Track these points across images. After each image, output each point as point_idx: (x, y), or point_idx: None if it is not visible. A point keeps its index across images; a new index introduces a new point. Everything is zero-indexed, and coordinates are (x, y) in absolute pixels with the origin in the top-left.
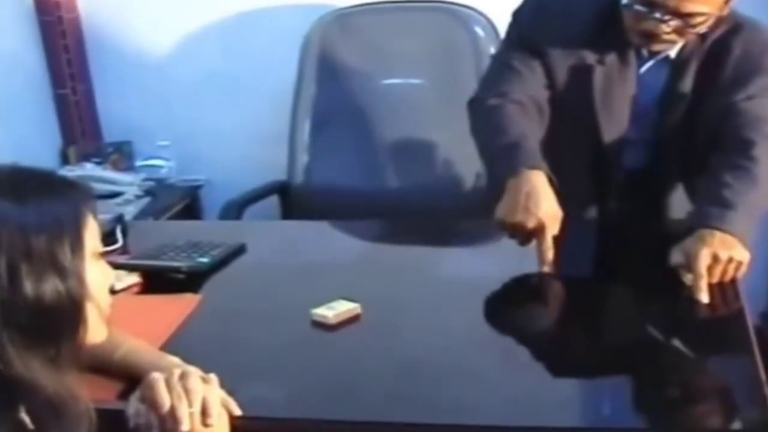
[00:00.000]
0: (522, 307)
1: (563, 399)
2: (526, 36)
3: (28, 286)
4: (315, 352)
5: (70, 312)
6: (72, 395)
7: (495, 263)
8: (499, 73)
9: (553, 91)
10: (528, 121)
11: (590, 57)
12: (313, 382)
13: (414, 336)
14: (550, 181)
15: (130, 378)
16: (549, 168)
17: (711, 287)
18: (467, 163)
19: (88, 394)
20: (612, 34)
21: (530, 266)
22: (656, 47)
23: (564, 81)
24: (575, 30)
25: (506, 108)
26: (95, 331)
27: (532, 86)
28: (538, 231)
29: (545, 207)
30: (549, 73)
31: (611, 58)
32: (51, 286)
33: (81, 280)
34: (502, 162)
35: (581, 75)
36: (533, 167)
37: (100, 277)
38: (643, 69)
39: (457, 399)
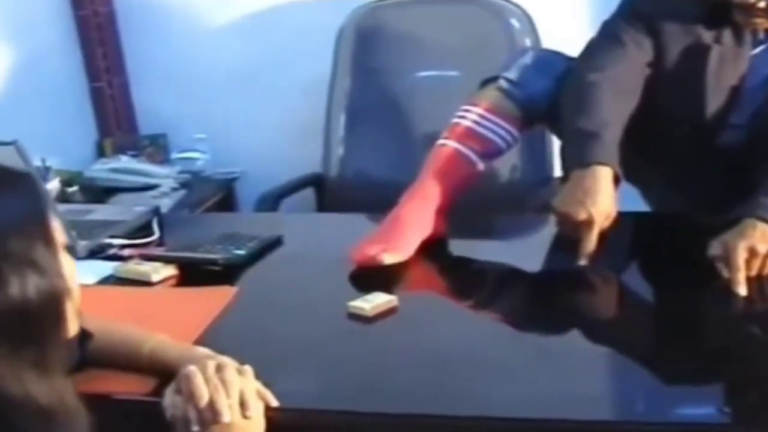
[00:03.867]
0: (557, 300)
1: (597, 392)
2: (640, 11)
3: (14, 289)
4: (351, 345)
5: (54, 309)
6: (62, 401)
7: (530, 257)
8: (603, 44)
9: (660, 69)
10: (618, 103)
11: (707, 36)
12: (349, 373)
13: (449, 329)
14: (617, 178)
15: (160, 373)
16: (639, 149)
17: (749, 280)
18: (503, 156)
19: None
20: (728, 13)
21: (567, 260)
22: (754, 23)
23: (676, 60)
24: (692, 7)
25: (600, 87)
26: (71, 326)
27: (635, 63)
28: (586, 224)
29: (600, 204)
30: (659, 51)
31: (728, 37)
32: (34, 286)
33: (59, 276)
34: (575, 148)
35: (696, 54)
36: (603, 163)
37: (70, 270)
38: (755, 51)
39: (491, 392)
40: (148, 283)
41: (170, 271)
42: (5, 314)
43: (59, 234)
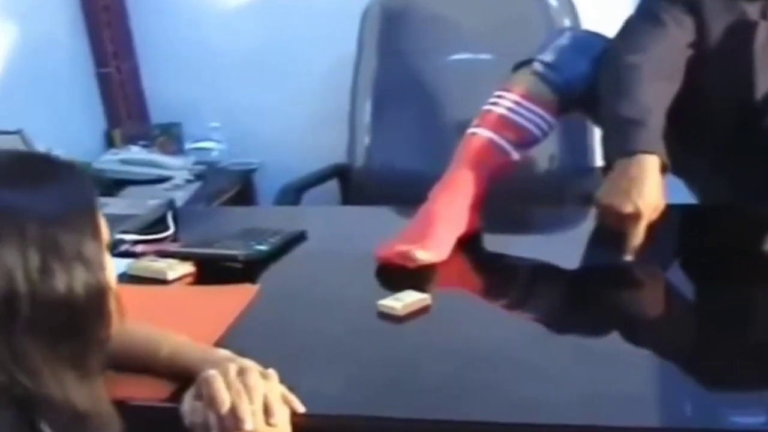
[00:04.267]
0: (599, 298)
1: (641, 396)
2: None
3: (61, 283)
4: (381, 346)
5: (99, 307)
6: (99, 406)
7: (570, 252)
8: (642, 24)
9: (703, 49)
10: (660, 87)
11: (752, 11)
12: (379, 376)
13: (484, 329)
14: (663, 167)
15: (179, 377)
16: (682, 134)
17: None
18: (539, 145)
19: (141, 394)
20: None
21: (609, 255)
22: None
23: (719, 38)
24: None
25: (640, 69)
26: (114, 325)
27: (676, 44)
28: (633, 217)
29: (648, 195)
30: (701, 29)
31: None
32: (81, 281)
33: (104, 271)
34: (618, 136)
35: (741, 31)
36: (649, 151)
37: (111, 267)
38: None
39: (529, 396)
40: (163, 281)
41: (187, 268)
42: (49, 308)
43: (105, 229)
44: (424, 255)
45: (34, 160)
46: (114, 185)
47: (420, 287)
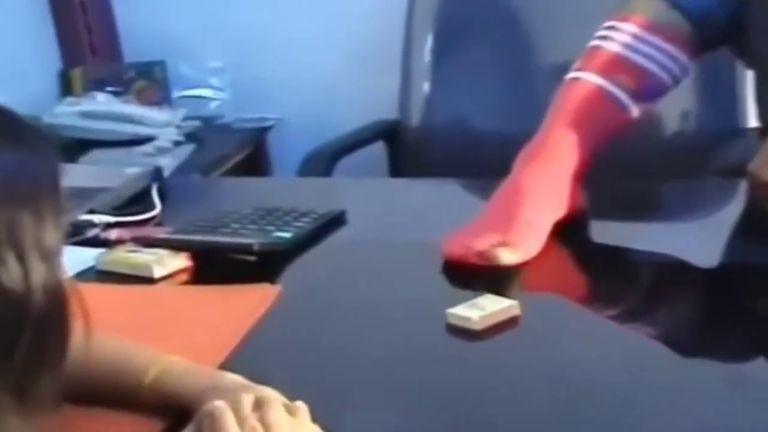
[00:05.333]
0: (751, 305)
1: None
2: None
3: (13, 278)
4: (450, 369)
5: (57, 314)
6: None
7: (710, 242)
8: None
9: None
10: None
11: None
12: (449, 410)
13: (594, 347)
14: None
15: (170, 412)
16: None
17: None
18: (670, 96)
19: None
20: None
21: (762, 248)
22: None
23: None
24: None
25: None
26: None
27: None
28: None
29: None
30: None
31: None
32: (39, 277)
33: (64, 268)
34: None
35: None
36: None
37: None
38: None
39: None
40: (147, 280)
41: (180, 262)
42: None
43: (66, 214)
44: (511, 256)
45: None
46: (73, 147)
47: (504, 290)
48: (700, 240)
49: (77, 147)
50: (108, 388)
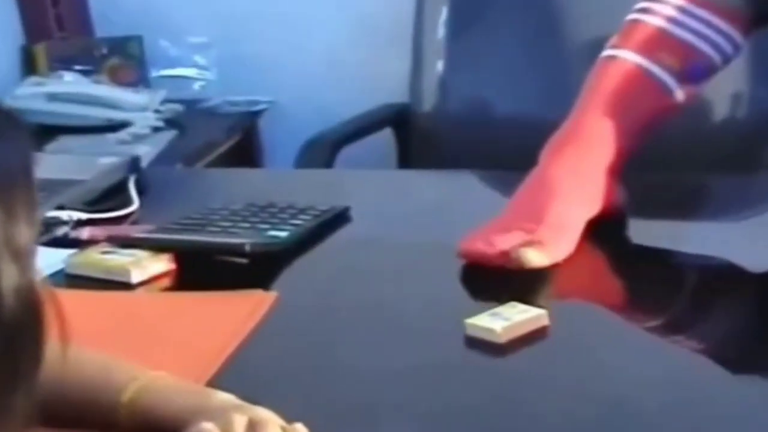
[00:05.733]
0: None
1: None
2: None
3: None
4: (471, 387)
5: (30, 323)
6: None
7: (763, 243)
8: None
9: None
10: None
11: None
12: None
13: (634, 362)
14: None
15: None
16: None
17: None
18: (720, 77)
19: None
20: None
21: None
22: None
23: None
24: None
25: None
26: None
27: None
28: None
29: None
30: None
31: None
32: (11, 281)
33: (37, 269)
34: None
35: None
36: None
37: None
38: None
39: None
40: (125, 285)
41: (161, 264)
42: None
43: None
44: (539, 257)
45: None
46: (38, 133)
47: (531, 297)
48: (752, 241)
49: (42, 133)
50: (81, 406)
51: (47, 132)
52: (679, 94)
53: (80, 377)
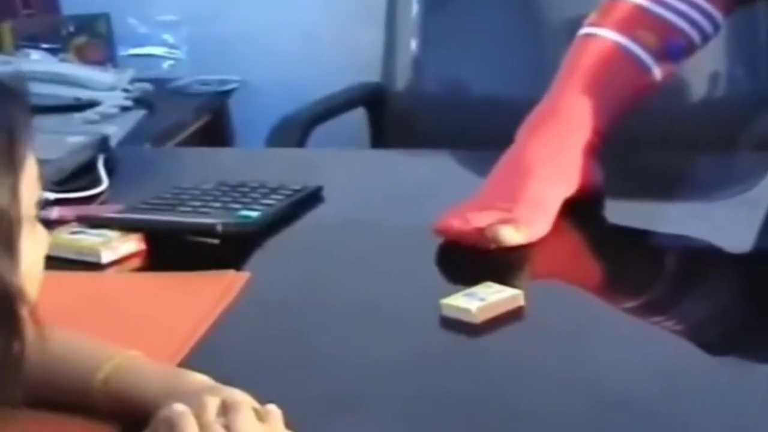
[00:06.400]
0: None
1: None
2: None
3: None
4: (446, 370)
5: (4, 313)
6: None
7: (745, 225)
8: None
9: None
10: None
11: None
12: (445, 421)
13: (606, 343)
14: None
15: (124, 414)
16: None
17: None
18: (698, 56)
19: None
20: None
21: None
22: None
23: None
24: None
25: None
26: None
27: None
28: None
29: None
30: None
31: None
32: None
33: (16, 256)
34: None
35: None
36: None
37: (33, 251)
38: None
39: None
40: (95, 266)
41: (131, 245)
42: None
43: (31, 192)
44: (515, 235)
45: None
46: None
47: (506, 277)
48: (731, 221)
49: None
50: (54, 388)
51: None
52: (657, 72)
53: (52, 357)
